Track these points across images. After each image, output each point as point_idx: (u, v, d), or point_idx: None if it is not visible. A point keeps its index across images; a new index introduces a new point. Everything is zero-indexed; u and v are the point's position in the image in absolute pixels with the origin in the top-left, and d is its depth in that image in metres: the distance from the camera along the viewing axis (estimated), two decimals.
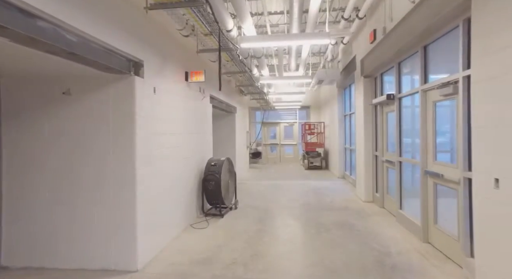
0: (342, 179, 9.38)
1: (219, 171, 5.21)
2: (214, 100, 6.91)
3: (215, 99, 6.98)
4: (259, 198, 6.84)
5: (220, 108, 7.82)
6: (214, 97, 6.79)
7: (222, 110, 8.24)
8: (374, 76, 6.10)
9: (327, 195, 6.99)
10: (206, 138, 5.95)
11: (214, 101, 6.92)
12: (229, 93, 8.29)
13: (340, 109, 9.66)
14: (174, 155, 4.34)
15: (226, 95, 7.98)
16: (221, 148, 9.41)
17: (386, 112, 5.51)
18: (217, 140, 9.39)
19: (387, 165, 5.44)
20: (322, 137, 12.43)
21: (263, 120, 14.90)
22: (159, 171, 3.82)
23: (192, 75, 4.77)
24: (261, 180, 9.47)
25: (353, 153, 8.54)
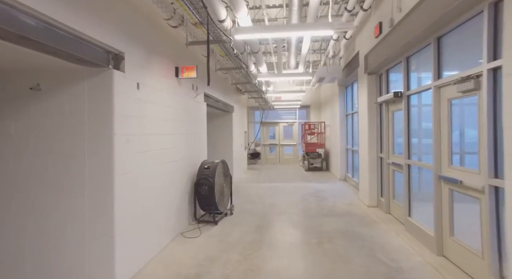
0: (344, 181, 9.00)
1: (213, 174, 4.83)
2: (209, 98, 6.53)
3: (211, 98, 6.61)
4: (256, 202, 6.46)
5: (216, 107, 7.44)
6: (209, 96, 6.41)
7: (219, 109, 7.86)
8: (379, 73, 5.72)
9: (329, 199, 6.62)
10: (199, 139, 5.57)
11: (210, 100, 6.55)
12: (225, 91, 7.91)
13: (341, 109, 9.28)
14: (162, 158, 3.97)
15: (223, 94, 7.60)
16: (217, 149, 9.04)
17: (392, 111, 5.13)
18: (214, 141, 9.02)
19: (394, 168, 5.06)
20: (323, 138, 12.06)
21: (262, 119, 14.53)
22: (145, 175, 3.44)
23: (183, 71, 4.39)
24: (260, 182, 9.09)
25: (355, 154, 8.17)
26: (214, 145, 9.05)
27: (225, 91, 7.90)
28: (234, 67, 5.18)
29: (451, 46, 3.30)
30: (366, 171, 5.95)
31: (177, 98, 4.49)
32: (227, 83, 8.05)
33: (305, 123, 12.50)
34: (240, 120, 10.42)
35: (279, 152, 14.73)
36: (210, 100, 6.64)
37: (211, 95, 6.48)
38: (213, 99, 6.91)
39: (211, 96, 6.57)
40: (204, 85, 5.91)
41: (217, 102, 7.29)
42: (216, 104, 7.28)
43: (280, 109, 14.73)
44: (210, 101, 6.64)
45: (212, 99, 6.80)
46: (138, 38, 3.35)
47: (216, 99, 7.14)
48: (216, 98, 7.01)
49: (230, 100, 8.65)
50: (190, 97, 5.07)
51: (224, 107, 8.12)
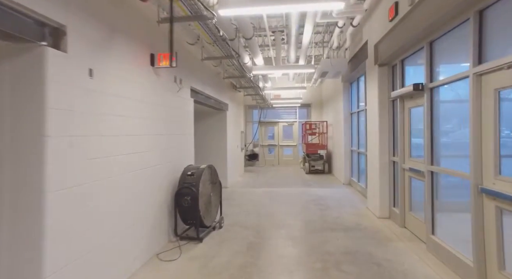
0: (348, 186, 8.23)
1: (197, 182, 4.06)
2: (198, 94, 5.77)
3: (200, 93, 5.84)
4: (251, 212, 5.70)
5: (207, 105, 6.68)
6: (198, 91, 5.65)
7: (210, 106, 7.10)
8: (391, 64, 4.96)
9: (333, 208, 5.85)
10: (185, 140, 4.81)
11: (199, 96, 5.78)
12: (218, 87, 7.15)
13: (346, 107, 8.51)
14: (132, 164, 3.21)
15: (215, 90, 6.84)
16: (209, 151, 8.28)
17: (409, 107, 4.37)
18: (205, 142, 8.26)
19: (411, 175, 4.30)
20: (325, 138, 11.30)
21: (260, 119, 13.77)
22: (103, 188, 2.68)
23: (160, 59, 3.62)
24: (256, 187, 8.33)
25: (361, 156, 7.40)
26: (206, 147, 8.29)
27: (217, 87, 7.14)
28: (224, 55, 4.42)
29: (499, 21, 2.54)
30: (376, 177, 5.19)
31: (153, 92, 3.73)
32: (219, 78, 7.29)
33: (305, 122, 11.74)
34: (236, 119, 9.66)
35: (278, 153, 13.97)
36: (200, 96, 5.87)
37: (200, 91, 5.71)
38: (203, 96, 6.15)
39: (201, 92, 5.81)
40: (192, 78, 5.15)
41: (208, 99, 6.53)
42: (207, 101, 6.52)
43: (279, 108, 13.97)
44: (200, 97, 5.88)
45: (202, 95, 6.04)
46: (91, 9, 2.59)
47: (207, 96, 6.38)
48: (206, 94, 6.25)
49: (224, 97, 7.89)
50: (172, 91, 4.31)
51: (216, 104, 7.35)
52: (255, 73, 6.16)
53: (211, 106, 7.05)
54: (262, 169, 12.24)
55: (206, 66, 6.10)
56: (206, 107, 7.21)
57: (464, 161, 2.95)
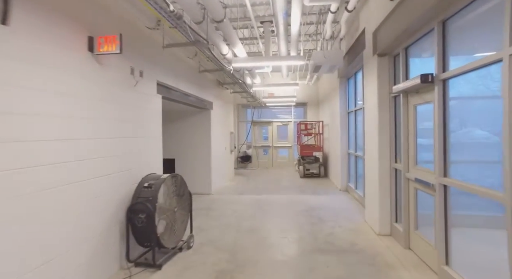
0: (345, 193, 7.47)
1: (154, 196, 3.30)
2: (171, 90, 5.01)
3: (173, 90, 5.08)
4: (231, 226, 4.94)
5: (185, 103, 5.93)
6: (169, 86, 4.89)
7: (190, 105, 6.34)
8: (393, 53, 4.20)
9: (327, 222, 5.09)
10: (148, 144, 4.05)
11: (172, 93, 5.03)
12: (199, 83, 6.40)
13: (342, 105, 7.75)
14: (62, 175, 2.46)
15: (195, 86, 6.08)
16: (190, 154, 7.52)
17: (415, 104, 3.61)
18: (185, 144, 7.52)
19: (417, 187, 3.53)
20: (321, 139, 10.53)
21: (253, 119, 13.01)
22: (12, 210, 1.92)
23: (101, 43, 2.87)
24: (244, 193, 7.57)
25: (359, 160, 6.64)
26: (186, 150, 7.54)
27: (198, 83, 6.39)
28: (188, 41, 3.63)
29: None
30: (375, 187, 4.43)
31: (96, 85, 2.97)
32: (201, 74, 6.53)
33: (300, 122, 10.98)
34: (224, 119, 8.90)
35: (272, 154, 13.20)
36: (173, 93, 5.12)
37: (172, 86, 4.95)
38: (179, 92, 5.39)
39: (173, 88, 5.05)
40: (158, 70, 4.39)
41: (185, 97, 5.77)
42: (185, 98, 5.76)
43: (273, 107, 13.21)
44: (173, 94, 5.12)
45: (177, 91, 5.28)
46: None
47: (184, 92, 5.62)
48: (182, 91, 5.49)
49: (207, 94, 7.13)
50: (127, 85, 3.55)
51: (198, 103, 6.60)
52: (237, 66, 5.40)
53: (190, 104, 6.30)
54: (255, 172, 11.48)
55: (181, 58, 5.34)
56: (185, 106, 6.46)
57: (486, 168, 2.20)
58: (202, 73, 6.61)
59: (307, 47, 9.10)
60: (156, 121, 4.39)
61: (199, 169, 7.50)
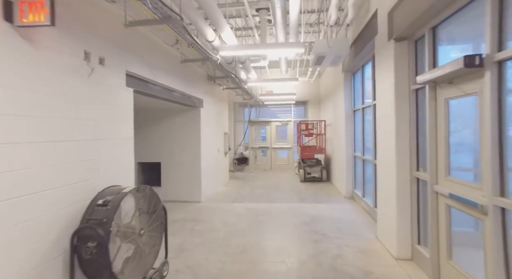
0: (351, 200, 6.68)
1: (110, 217, 2.52)
2: (148, 83, 4.24)
3: (150, 83, 4.31)
4: (218, 245, 4.15)
5: (167, 99, 5.15)
6: (145, 79, 4.11)
7: (174, 102, 5.56)
8: (415, 36, 3.42)
9: (332, 238, 4.31)
10: (113, 149, 3.27)
11: (149, 87, 4.26)
12: (186, 78, 5.62)
13: (347, 102, 6.97)
14: None
15: (181, 80, 5.31)
16: (176, 158, 6.76)
17: (446, 98, 2.82)
18: (170, 146, 6.75)
19: (452, 204, 2.74)
20: (323, 140, 9.74)
21: (250, 118, 12.24)
22: None
23: (23, 10, 2.08)
24: (238, 200, 6.79)
25: (367, 165, 5.86)
26: (171, 152, 6.76)
27: (185, 77, 5.61)
28: (157, 19, 2.82)
29: None
30: (392, 199, 3.65)
31: (28, 72, 2.19)
32: (189, 67, 5.76)
33: (300, 121, 10.19)
34: (217, 118, 8.12)
35: (271, 156, 12.42)
36: (151, 87, 4.35)
37: (148, 79, 4.18)
38: (158, 87, 4.62)
39: (150, 81, 4.28)
40: (129, 58, 3.61)
41: (167, 92, 5.00)
42: (167, 94, 4.99)
43: (271, 105, 12.43)
44: (151, 88, 4.35)
45: (156, 85, 4.51)
46: None
47: (165, 87, 4.84)
48: (162, 85, 4.71)
49: (196, 90, 6.35)
50: (79, 73, 2.77)
51: (184, 99, 5.82)
52: (226, 55, 4.61)
53: (175, 101, 5.52)
54: (252, 175, 10.70)
55: (159, 46, 4.57)
56: (169, 103, 5.68)
57: None
58: (188, 66, 5.84)
59: (308, 39, 8.32)
60: (127, 120, 3.61)
61: (188, 174, 6.72)
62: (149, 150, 6.83)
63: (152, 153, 6.83)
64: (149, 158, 6.85)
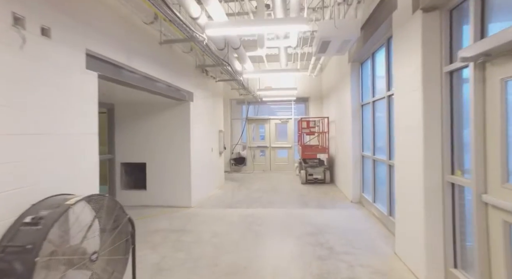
0: (359, 205, 5.95)
1: (38, 242, 1.78)
2: (120, 69, 3.52)
3: (123, 69, 3.59)
4: (204, 263, 3.43)
5: (149, 90, 4.44)
6: (114, 62, 3.39)
7: (159, 94, 4.85)
8: (449, 4, 2.70)
9: (341, 254, 3.58)
10: (67, 146, 2.55)
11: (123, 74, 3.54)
12: (172, 66, 4.89)
13: (354, 96, 6.24)
14: None
15: (166, 70, 4.58)
16: (165, 158, 6.04)
17: (503, 79, 2.10)
18: (159, 145, 6.03)
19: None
20: (326, 139, 9.01)
21: (247, 115, 11.52)
22: None
23: None
24: (233, 205, 6.06)
25: (380, 165, 5.14)
26: (160, 152, 6.05)
27: (171, 65, 4.89)
28: None
29: None
30: (418, 208, 2.92)
31: None
32: (173, 53, 5.03)
33: (301, 118, 9.46)
34: (210, 114, 7.40)
35: (270, 156, 11.69)
36: (125, 74, 3.63)
37: (120, 63, 3.45)
38: (137, 75, 3.91)
39: (124, 66, 3.55)
40: (89, 34, 2.88)
41: (149, 82, 4.29)
42: (148, 84, 4.28)
43: (271, 102, 11.70)
44: (125, 75, 3.63)
45: (133, 73, 3.80)
46: None
47: (145, 75, 4.13)
48: (141, 73, 3.99)
49: (185, 82, 5.62)
50: (3, 43, 2.04)
51: (170, 92, 5.11)
52: (213, 34, 3.87)
53: (160, 93, 4.80)
54: (249, 177, 9.98)
55: (138, 25, 3.84)
56: (153, 95, 4.96)
57: None
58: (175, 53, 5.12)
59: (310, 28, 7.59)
60: (88, 111, 2.89)
61: (176, 176, 6.00)
62: (133, 149, 6.11)
63: (136, 152, 6.10)
64: (133, 158, 6.12)
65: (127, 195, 6.10)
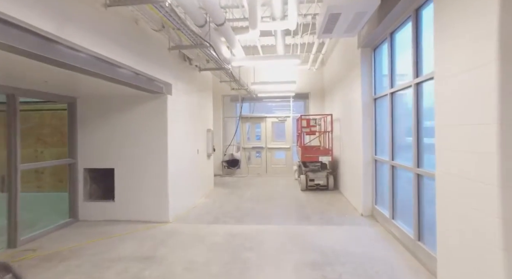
0: (371, 220, 4.93)
1: None
2: (49, 43, 2.47)
3: (57, 43, 2.55)
4: None
5: (105, 77, 3.40)
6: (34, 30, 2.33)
7: (121, 83, 3.80)
8: None
9: None
10: None
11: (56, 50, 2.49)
12: (141, 49, 3.83)
13: (365, 88, 5.21)
14: None
15: (128, 51, 3.51)
16: (137, 162, 5.00)
17: None
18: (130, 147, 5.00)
19: None
20: (329, 139, 7.98)
21: (241, 113, 10.48)
22: None
23: None
24: (219, 220, 5.02)
25: (401, 173, 4.11)
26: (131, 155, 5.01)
27: (139, 48, 3.82)
28: None
29: None
30: (494, 249, 1.90)
31: None
32: (142, 33, 3.98)
33: (301, 116, 8.42)
34: (196, 111, 6.36)
35: (266, 158, 10.65)
36: (62, 52, 2.58)
37: (48, 33, 2.40)
38: (82, 54, 2.87)
39: (57, 39, 2.50)
40: None
41: (108, 66, 3.24)
42: (107, 70, 3.24)
43: (267, 98, 10.68)
44: (61, 53, 2.58)
45: (74, 51, 2.75)
46: None
47: (99, 57, 3.07)
48: (91, 53, 2.93)
49: (161, 71, 4.58)
50: None
51: (140, 82, 4.07)
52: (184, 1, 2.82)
53: (124, 82, 3.76)
54: (243, 181, 8.94)
55: None
56: (119, 86, 3.91)
57: None
58: (145, 32, 4.06)
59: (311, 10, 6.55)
60: None
61: (150, 183, 4.96)
62: (99, 152, 5.05)
63: (103, 156, 5.05)
64: (100, 162, 5.07)
65: (92, 208, 5.05)
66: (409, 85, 3.54)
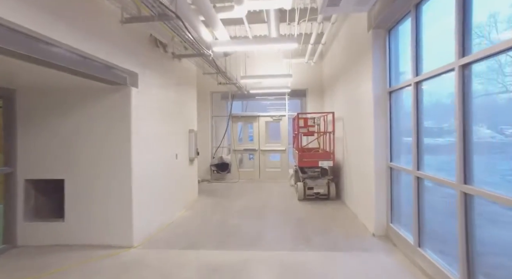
0: (386, 242, 3.94)
1: None
2: None
3: None
4: None
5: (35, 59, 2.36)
6: None
7: (60, 68, 2.77)
8: None
9: None
10: None
11: None
12: (84, 22, 2.79)
13: (378, 79, 4.22)
14: None
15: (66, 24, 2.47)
16: (93, 172, 3.96)
17: None
18: (84, 154, 3.94)
19: None
20: (330, 140, 6.98)
21: (231, 112, 9.48)
22: None
23: None
24: (197, 243, 4.01)
25: (430, 188, 3.13)
26: (85, 163, 3.97)
27: (83, 22, 2.80)
28: None
29: None
30: None
31: None
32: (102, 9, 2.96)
33: (298, 115, 7.42)
34: (173, 109, 5.33)
35: (259, 162, 9.65)
36: None
37: None
38: None
39: None
40: None
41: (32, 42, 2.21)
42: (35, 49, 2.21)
43: (260, 95, 9.70)
44: None
45: None
46: None
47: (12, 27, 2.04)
48: None
49: (121, 56, 3.55)
50: None
51: (90, 68, 3.05)
52: None
53: (63, 67, 2.73)
54: (232, 189, 7.92)
55: None
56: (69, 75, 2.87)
57: None
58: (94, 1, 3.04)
59: None
60: None
61: (109, 198, 3.93)
62: (45, 159, 4.01)
63: (50, 163, 4.01)
64: (45, 172, 4.02)
65: (36, 229, 4.00)
66: (451, 68, 2.56)
